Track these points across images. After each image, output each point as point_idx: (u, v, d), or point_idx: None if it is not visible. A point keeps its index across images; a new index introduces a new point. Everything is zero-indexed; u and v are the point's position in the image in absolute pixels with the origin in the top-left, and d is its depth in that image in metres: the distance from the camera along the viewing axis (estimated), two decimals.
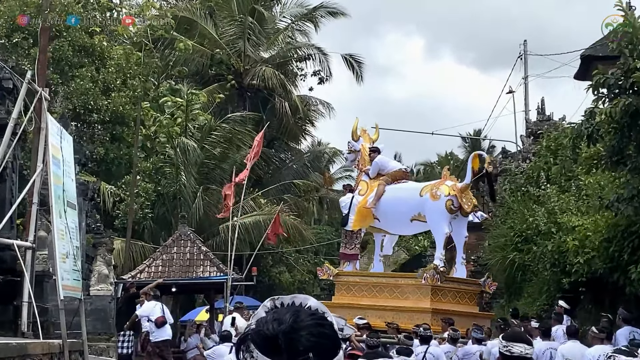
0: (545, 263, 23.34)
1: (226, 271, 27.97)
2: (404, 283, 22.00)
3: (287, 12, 52.36)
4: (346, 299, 22.32)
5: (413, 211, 21.81)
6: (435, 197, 21.35)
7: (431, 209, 21.37)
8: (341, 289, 22.79)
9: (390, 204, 22.05)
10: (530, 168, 31.00)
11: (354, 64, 51.35)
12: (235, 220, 31.16)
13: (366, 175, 22.97)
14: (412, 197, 21.87)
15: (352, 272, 22.91)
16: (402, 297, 21.71)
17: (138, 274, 28.61)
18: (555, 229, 22.87)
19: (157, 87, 46.01)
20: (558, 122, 34.67)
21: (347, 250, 22.78)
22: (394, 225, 22.77)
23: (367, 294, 22.19)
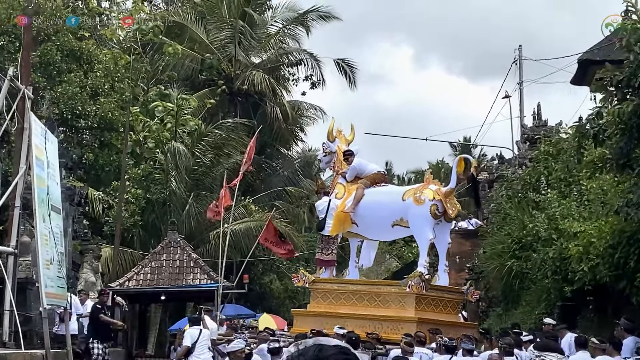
0: (545, 270, 22.68)
1: (217, 279, 27.21)
2: (386, 291, 21.09)
3: (279, 16, 51.77)
4: (323, 307, 21.42)
5: (395, 216, 20.93)
6: (419, 201, 20.50)
7: (415, 213, 20.47)
8: (317, 296, 21.83)
9: (370, 208, 21.19)
10: (528, 174, 30.36)
11: (347, 69, 50.66)
12: (226, 227, 30.60)
13: (343, 178, 22.11)
14: (394, 201, 20.98)
15: (329, 279, 22.02)
16: (384, 306, 20.80)
17: (126, 282, 27.91)
18: (556, 235, 22.22)
19: (146, 92, 45.36)
20: (555, 128, 34.02)
21: (323, 256, 21.92)
22: (374, 230, 21.88)
23: (346, 302, 21.26)
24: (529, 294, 28.09)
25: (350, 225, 21.63)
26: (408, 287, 20.11)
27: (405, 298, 20.44)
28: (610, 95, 16.16)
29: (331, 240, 21.68)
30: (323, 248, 21.78)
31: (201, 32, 48.31)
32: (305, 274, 21.94)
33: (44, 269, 14.62)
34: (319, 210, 21.58)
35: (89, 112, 40.20)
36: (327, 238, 21.64)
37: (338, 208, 21.43)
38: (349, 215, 21.35)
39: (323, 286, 21.66)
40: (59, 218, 16.32)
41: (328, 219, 21.31)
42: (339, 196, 21.72)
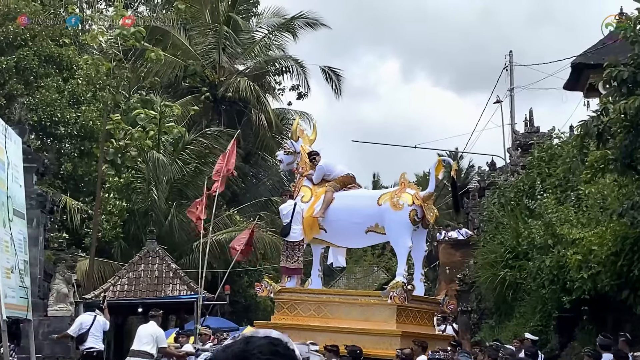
0: (542, 279, 21.63)
1: (198, 290, 25.95)
2: (364, 302, 19.69)
3: (264, 22, 50.68)
4: (289, 319, 19.88)
5: (369, 222, 19.59)
6: (397, 206, 19.21)
7: (392, 219, 19.14)
8: (282, 307, 20.27)
9: (341, 213, 19.80)
10: (521, 180, 29.35)
11: (333, 77, 49.57)
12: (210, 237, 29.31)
13: (308, 180, 20.74)
14: (368, 205, 19.63)
15: (297, 288, 20.56)
16: (362, 318, 19.35)
17: (102, 293, 26.68)
18: (553, 242, 21.16)
19: (128, 99, 44.24)
20: (547, 134, 33.01)
21: (288, 263, 20.50)
22: (345, 237, 20.50)
23: (316, 314, 19.78)
24: (523, 306, 27.08)
25: (318, 231, 20.35)
26: (389, 298, 18.85)
27: (385, 310, 19.17)
28: (615, 91, 15.05)
29: (297, 247, 20.33)
30: (288, 255, 20.41)
31: (184, 39, 47.20)
32: (270, 283, 20.49)
33: (4, 278, 13.44)
34: (283, 215, 20.16)
35: (69, 119, 39.16)
36: (292, 244, 20.29)
37: (306, 212, 20.18)
38: (316, 220, 20.12)
39: (290, 296, 20.22)
40: (23, 224, 15.13)
41: (293, 224, 20.00)
42: (305, 199, 20.43)
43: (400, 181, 20.26)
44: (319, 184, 20.68)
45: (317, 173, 20.69)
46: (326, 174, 20.74)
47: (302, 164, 20.97)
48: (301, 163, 21.00)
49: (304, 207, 20.20)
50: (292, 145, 21.20)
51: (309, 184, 20.70)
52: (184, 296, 27.03)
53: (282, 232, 20.40)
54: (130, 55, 45.40)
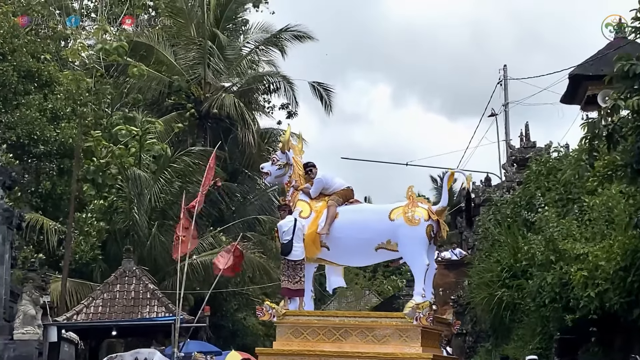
0: (543, 298, 20.18)
1: (176, 312, 24.42)
2: (382, 324, 18.09)
3: (251, 37, 49.36)
4: (296, 345, 18.20)
5: (380, 238, 17.91)
6: (412, 221, 17.63)
7: (407, 235, 17.54)
8: (287, 332, 18.49)
9: (348, 229, 18.14)
10: (518, 195, 28.00)
11: (323, 93, 48.19)
12: (195, 258, 28.27)
13: (305, 195, 19.12)
14: (378, 220, 17.97)
15: (304, 311, 18.90)
16: (379, 342, 17.79)
17: (75, 315, 25.16)
18: (555, 258, 19.73)
19: (110, 116, 42.91)
20: (544, 149, 31.66)
21: (290, 284, 18.83)
22: (351, 254, 18.77)
23: (327, 339, 18.05)
24: (521, 327, 25.68)
25: (320, 250, 18.88)
26: (415, 319, 17.35)
27: (408, 332, 17.58)
28: (627, 87, 13.63)
29: (298, 266, 18.66)
30: (289, 275, 18.74)
31: (169, 54, 45.88)
32: (272, 306, 18.84)
33: None
34: (283, 232, 18.46)
35: (49, 137, 37.76)
36: (293, 264, 18.64)
37: (307, 229, 18.67)
38: (319, 237, 18.64)
39: (296, 320, 18.59)
40: None
41: (295, 242, 18.48)
42: (304, 215, 18.77)
43: (408, 194, 18.73)
44: (317, 199, 19.14)
45: (315, 186, 19.04)
46: (325, 187, 19.16)
47: (296, 177, 19.28)
48: (294, 176, 19.30)
49: (305, 223, 18.65)
50: (282, 156, 19.56)
51: (306, 199, 19.01)
52: (159, 318, 25.48)
53: (283, 250, 18.63)
54: (113, 70, 44.28)
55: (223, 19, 47.77)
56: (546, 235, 20.51)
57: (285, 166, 19.27)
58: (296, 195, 19.22)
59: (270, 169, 19.49)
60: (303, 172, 19.32)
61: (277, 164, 19.44)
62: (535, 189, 26.23)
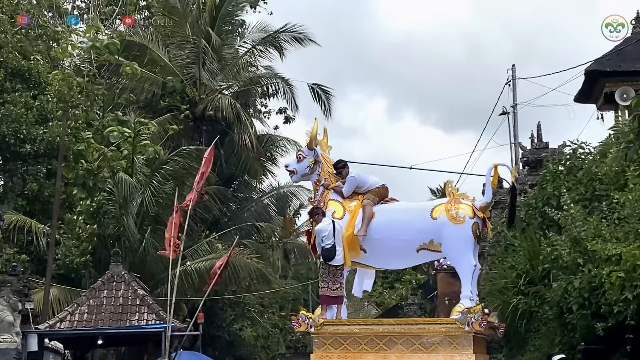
0: (569, 304, 18.44)
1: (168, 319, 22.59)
2: (430, 331, 16.36)
3: (249, 37, 47.69)
4: (336, 356, 16.55)
5: (423, 238, 16.32)
6: (457, 219, 16.11)
7: (452, 235, 16.04)
8: (325, 343, 16.70)
9: (386, 229, 16.48)
10: (534, 197, 26.29)
11: (322, 95, 46.42)
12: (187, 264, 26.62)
13: (336, 194, 17.38)
14: (420, 219, 16.36)
15: (344, 320, 17.14)
16: (427, 350, 16.11)
17: (58, 323, 23.43)
18: (582, 260, 18.02)
19: (102, 117, 41.25)
20: (557, 150, 29.87)
21: (329, 291, 16.98)
22: (390, 257, 17.11)
23: (370, 349, 16.28)
24: (538, 337, 23.93)
25: (359, 253, 17.08)
26: (467, 324, 15.75)
27: (459, 339, 15.98)
28: None
29: (339, 271, 16.90)
30: (330, 281, 16.87)
31: (163, 54, 44.19)
32: (308, 316, 16.90)
33: None
34: (323, 236, 16.56)
35: (35, 136, 36.17)
36: (334, 269, 16.84)
37: (344, 231, 16.92)
38: (357, 240, 16.85)
39: (335, 329, 16.70)
40: None
41: (337, 246, 16.64)
42: (338, 216, 17.01)
43: (449, 191, 17.08)
44: (350, 198, 17.37)
45: (348, 185, 17.31)
46: (359, 185, 17.44)
47: (325, 175, 17.49)
48: (323, 174, 17.50)
49: (342, 224, 16.90)
50: (310, 152, 17.68)
51: (338, 198, 17.27)
52: (149, 326, 23.75)
53: (327, 255, 16.70)
54: (105, 70, 42.70)
55: (219, 19, 46.08)
56: (571, 235, 18.80)
57: (313, 164, 17.56)
58: (327, 194, 17.34)
59: (297, 166, 17.48)
60: (333, 170, 17.60)
61: (304, 161, 17.60)
62: (553, 189, 24.52)
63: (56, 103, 36.25)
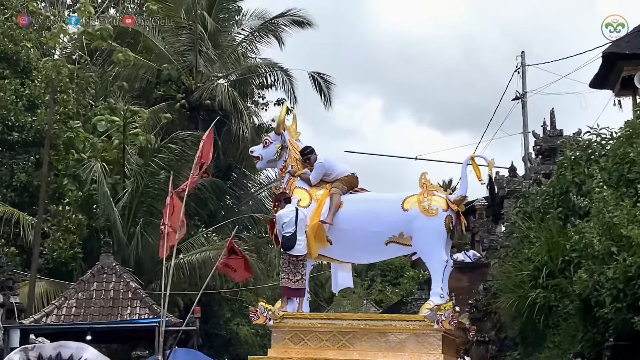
0: (602, 296, 16.90)
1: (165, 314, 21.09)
2: (396, 328, 15.05)
3: (246, 24, 46.16)
4: (295, 352, 15.13)
5: (392, 230, 15.14)
6: (429, 211, 15.01)
7: (424, 227, 14.99)
8: (284, 338, 15.38)
9: (355, 220, 15.35)
10: (551, 185, 24.74)
11: (322, 84, 44.97)
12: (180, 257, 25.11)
13: (302, 182, 16.14)
14: (390, 211, 15.22)
15: (305, 314, 15.84)
16: (394, 349, 14.81)
17: (44, 318, 21.94)
18: (616, 248, 16.51)
19: (93, 106, 39.81)
20: (572, 137, 28.36)
21: (290, 283, 15.67)
22: (358, 250, 15.76)
23: (332, 345, 14.98)
24: (558, 333, 22.36)
25: (325, 244, 15.73)
26: (436, 322, 14.50)
27: (426, 338, 14.73)
28: None
29: (300, 262, 15.55)
30: (290, 272, 15.57)
31: (158, 41, 42.64)
32: (267, 308, 15.53)
33: None
34: (283, 223, 15.31)
35: (24, 124, 34.71)
36: (295, 260, 15.52)
37: (310, 220, 15.57)
38: (323, 229, 15.52)
39: (296, 323, 15.32)
40: None
41: (298, 234, 15.34)
42: (304, 204, 15.73)
43: (422, 182, 15.74)
44: (317, 186, 16.12)
45: (316, 172, 16.12)
46: (327, 173, 16.23)
47: (292, 162, 16.28)
48: (290, 160, 16.31)
49: (306, 213, 15.58)
50: (276, 138, 16.46)
51: (305, 186, 16.12)
52: (141, 320, 22.28)
53: (285, 244, 15.46)
54: (97, 57, 41.32)
55: (215, 5, 44.56)
56: (603, 221, 17.26)
57: (280, 149, 16.29)
58: (293, 182, 16.16)
59: (262, 152, 16.44)
60: (300, 157, 16.35)
61: (271, 147, 16.49)
62: (573, 176, 23.01)
63: (45, 89, 34.88)
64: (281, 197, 15.83)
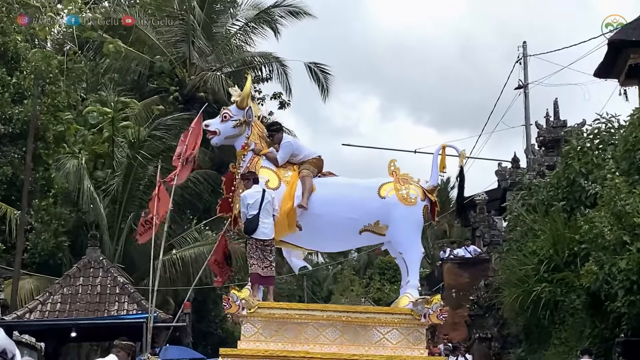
0: (614, 288, 15.96)
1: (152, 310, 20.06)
2: (380, 321, 13.94)
3: (241, 15, 45.02)
4: (267, 344, 13.93)
5: (369, 219, 13.95)
6: (408, 200, 13.92)
7: (402, 217, 13.98)
8: (256, 329, 14.12)
9: (329, 205, 14.14)
10: (556, 176, 23.83)
11: (320, 75, 43.86)
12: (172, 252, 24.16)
13: (268, 161, 14.64)
14: (367, 197, 14.13)
15: (282, 304, 14.59)
16: (375, 343, 13.74)
17: (27, 314, 20.95)
18: (629, 238, 15.58)
19: (84, 99, 38.79)
20: (576, 128, 27.38)
21: (260, 269, 14.35)
22: (329, 237, 14.45)
23: (309, 337, 13.96)
24: (564, 329, 21.46)
25: (295, 229, 14.47)
26: (424, 316, 13.55)
27: (411, 332, 13.75)
28: None
29: (267, 247, 14.19)
30: (258, 259, 14.27)
31: (150, 32, 41.54)
32: (240, 296, 14.21)
33: None
34: (248, 204, 13.82)
35: (11, 116, 33.62)
36: (262, 244, 14.19)
37: (283, 203, 14.29)
38: (295, 213, 14.23)
39: (270, 313, 14.10)
40: None
41: (262, 217, 13.97)
42: (272, 186, 14.27)
43: (391, 170, 14.59)
44: (283, 167, 14.69)
45: (284, 151, 14.61)
46: (294, 154, 14.80)
47: (256, 139, 14.75)
48: (253, 137, 14.77)
49: (274, 195, 14.24)
50: (238, 112, 14.78)
51: (271, 166, 14.51)
52: (128, 316, 21.26)
53: (247, 227, 14.02)
54: (87, 49, 40.34)
55: None
56: (615, 210, 16.31)
57: (241, 125, 14.70)
58: (257, 161, 14.61)
59: (220, 127, 14.71)
60: (264, 134, 14.85)
61: (230, 122, 14.70)
62: (580, 166, 22.11)
63: (33, 80, 33.82)
64: (250, 176, 14.30)
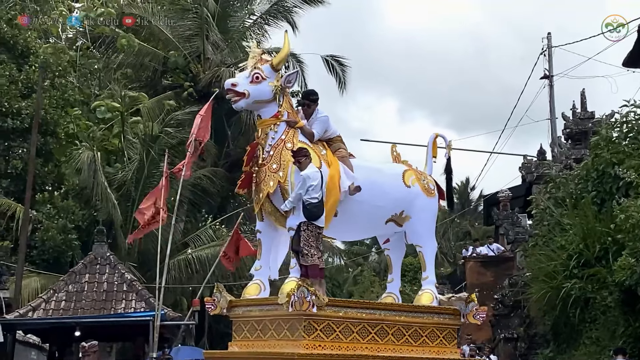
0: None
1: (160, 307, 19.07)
2: (417, 321, 12.59)
3: (257, 8, 43.93)
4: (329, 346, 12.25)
5: (396, 208, 12.54)
6: (429, 191, 12.67)
7: (425, 208, 12.78)
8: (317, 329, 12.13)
9: (366, 192, 12.30)
10: (584, 168, 22.73)
11: (337, 67, 42.75)
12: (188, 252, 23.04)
13: (303, 136, 12.33)
14: (396, 186, 12.59)
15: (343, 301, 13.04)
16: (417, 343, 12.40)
17: (30, 312, 20.03)
18: None
19: (96, 96, 37.95)
20: (604, 120, 26.22)
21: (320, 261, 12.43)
22: (358, 226, 12.85)
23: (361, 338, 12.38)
24: (595, 328, 20.38)
25: (330, 218, 12.81)
26: (463, 316, 12.47)
27: (445, 332, 12.56)
28: None
29: (320, 236, 12.67)
30: (317, 248, 12.45)
31: (164, 27, 40.56)
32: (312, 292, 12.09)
33: None
34: (310, 186, 11.77)
35: (19, 110, 32.84)
36: (317, 233, 12.49)
37: (332, 184, 12.72)
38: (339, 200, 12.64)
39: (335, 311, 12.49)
40: None
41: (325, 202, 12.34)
42: (316, 166, 12.70)
43: (394, 156, 13.22)
44: (315, 144, 12.46)
45: (320, 126, 12.52)
46: (326, 129, 13.13)
47: (289, 109, 12.41)
48: (286, 107, 12.37)
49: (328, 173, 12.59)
50: (273, 74, 12.18)
51: (307, 142, 12.31)
52: (133, 314, 20.32)
53: (312, 212, 11.84)
54: (100, 44, 39.57)
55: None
56: None
57: (279, 90, 12.21)
58: (294, 135, 12.34)
59: (250, 88, 12.01)
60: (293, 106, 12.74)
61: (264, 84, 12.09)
62: (611, 155, 21.05)
63: (43, 73, 33.05)
64: (305, 152, 12.44)
